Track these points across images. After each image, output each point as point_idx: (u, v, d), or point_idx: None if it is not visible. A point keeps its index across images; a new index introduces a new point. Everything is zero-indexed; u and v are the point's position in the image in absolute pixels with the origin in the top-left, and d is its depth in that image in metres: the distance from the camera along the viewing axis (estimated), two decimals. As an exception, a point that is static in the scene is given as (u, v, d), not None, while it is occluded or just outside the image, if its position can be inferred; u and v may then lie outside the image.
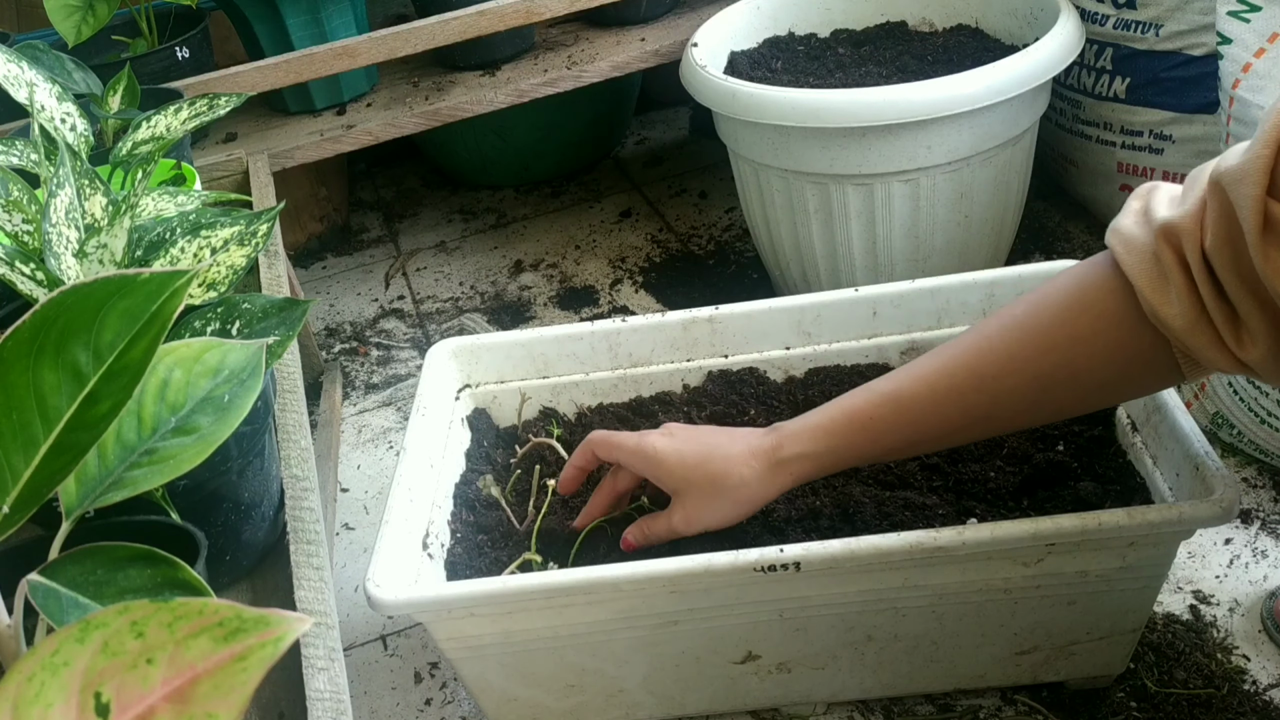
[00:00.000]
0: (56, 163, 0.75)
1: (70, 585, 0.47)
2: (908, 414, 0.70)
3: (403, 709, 0.93)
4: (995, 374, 0.67)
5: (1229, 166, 0.53)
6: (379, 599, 0.74)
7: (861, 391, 0.73)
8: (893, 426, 0.71)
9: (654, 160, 1.84)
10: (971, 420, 0.69)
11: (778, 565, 0.72)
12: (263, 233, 0.79)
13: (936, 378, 0.69)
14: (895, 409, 0.70)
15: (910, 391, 0.70)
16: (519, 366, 1.01)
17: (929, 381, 0.70)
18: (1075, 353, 0.65)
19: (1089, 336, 0.65)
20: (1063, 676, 0.84)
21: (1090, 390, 0.67)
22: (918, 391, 0.70)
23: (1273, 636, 0.87)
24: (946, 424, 0.70)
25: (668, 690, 0.84)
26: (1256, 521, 0.97)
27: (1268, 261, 0.51)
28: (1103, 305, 0.64)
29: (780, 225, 1.27)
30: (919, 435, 0.71)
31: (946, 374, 0.69)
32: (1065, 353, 0.65)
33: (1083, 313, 0.65)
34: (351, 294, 1.60)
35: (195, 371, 0.55)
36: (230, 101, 1.01)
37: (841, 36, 1.44)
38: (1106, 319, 0.64)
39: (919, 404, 0.70)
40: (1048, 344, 0.66)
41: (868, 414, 0.71)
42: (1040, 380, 0.67)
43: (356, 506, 1.17)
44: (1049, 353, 0.66)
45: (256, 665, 0.31)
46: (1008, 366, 0.67)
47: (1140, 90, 1.23)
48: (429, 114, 1.41)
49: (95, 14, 1.26)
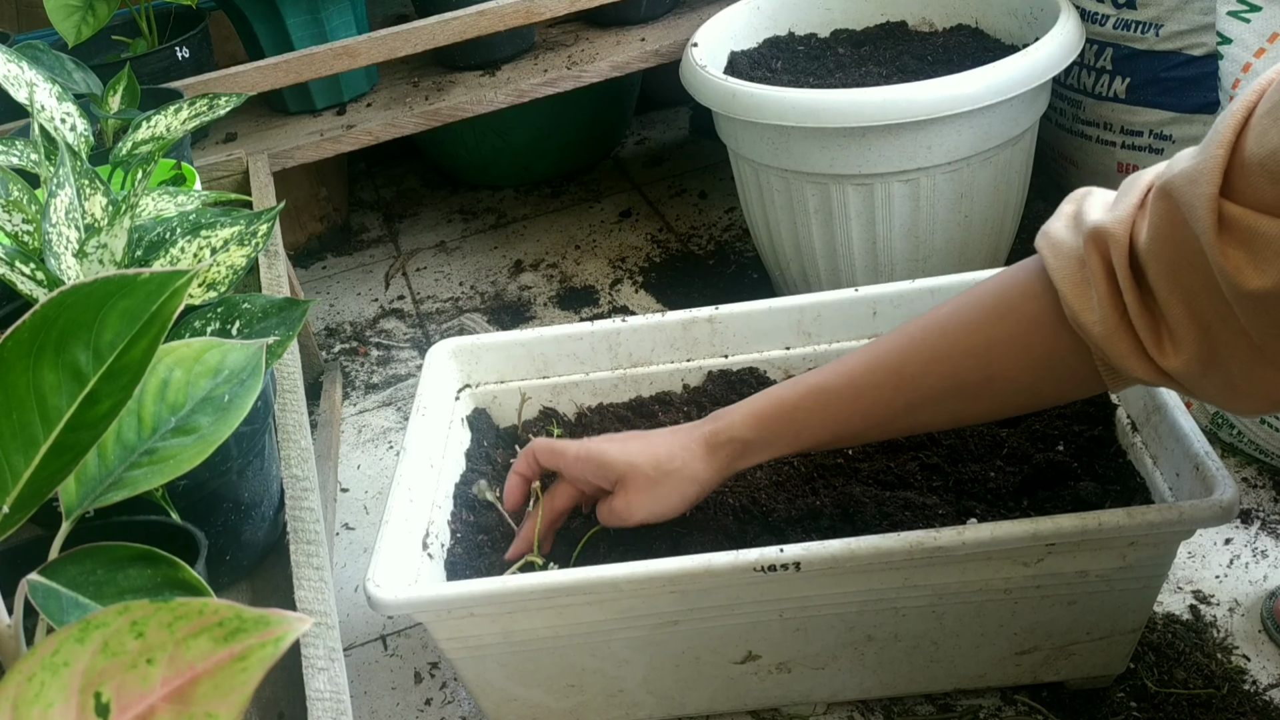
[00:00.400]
0: (56, 163, 0.75)
1: (70, 585, 0.47)
2: (831, 409, 0.72)
3: (403, 709, 0.93)
4: (916, 374, 0.69)
5: (1180, 170, 0.54)
6: (379, 599, 0.74)
7: (794, 383, 0.74)
8: (818, 420, 0.72)
9: (654, 160, 1.84)
10: (894, 416, 0.71)
11: (778, 565, 0.72)
12: (263, 233, 0.79)
13: (860, 375, 0.71)
14: (820, 403, 0.72)
15: (835, 387, 0.71)
16: (519, 366, 1.01)
17: (853, 378, 0.71)
18: (992, 357, 0.66)
19: (1007, 341, 0.65)
20: (1063, 676, 0.84)
21: (1009, 395, 0.67)
22: (842, 388, 0.71)
23: (1273, 636, 0.87)
24: (869, 420, 0.71)
25: (668, 690, 0.84)
26: (1256, 521, 0.98)
27: (1226, 259, 0.51)
28: (1024, 310, 0.65)
29: (780, 225, 1.27)
30: (843, 429, 0.73)
31: (869, 371, 0.70)
32: (983, 358, 0.66)
33: (1003, 318, 0.65)
34: (351, 294, 1.60)
35: (195, 371, 0.55)
36: (230, 101, 1.01)
37: (841, 36, 1.44)
38: (1027, 324, 0.64)
39: (842, 400, 0.71)
40: (967, 348, 0.67)
41: (794, 405, 0.73)
42: (959, 383, 0.67)
43: (356, 506, 1.17)
44: (967, 357, 0.67)
45: (256, 665, 0.31)
46: (928, 368, 0.68)
47: (1140, 90, 1.23)
48: (429, 114, 1.41)
49: (95, 14, 1.26)
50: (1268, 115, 0.49)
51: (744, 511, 0.85)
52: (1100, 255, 0.59)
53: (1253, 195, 0.50)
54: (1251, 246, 0.50)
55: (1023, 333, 0.65)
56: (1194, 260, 0.54)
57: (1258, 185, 0.50)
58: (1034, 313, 0.64)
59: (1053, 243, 0.63)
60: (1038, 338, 0.64)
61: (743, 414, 0.75)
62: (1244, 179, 0.50)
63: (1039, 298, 0.64)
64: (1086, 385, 0.65)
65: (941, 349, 0.68)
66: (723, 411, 0.76)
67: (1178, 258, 0.55)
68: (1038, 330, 0.64)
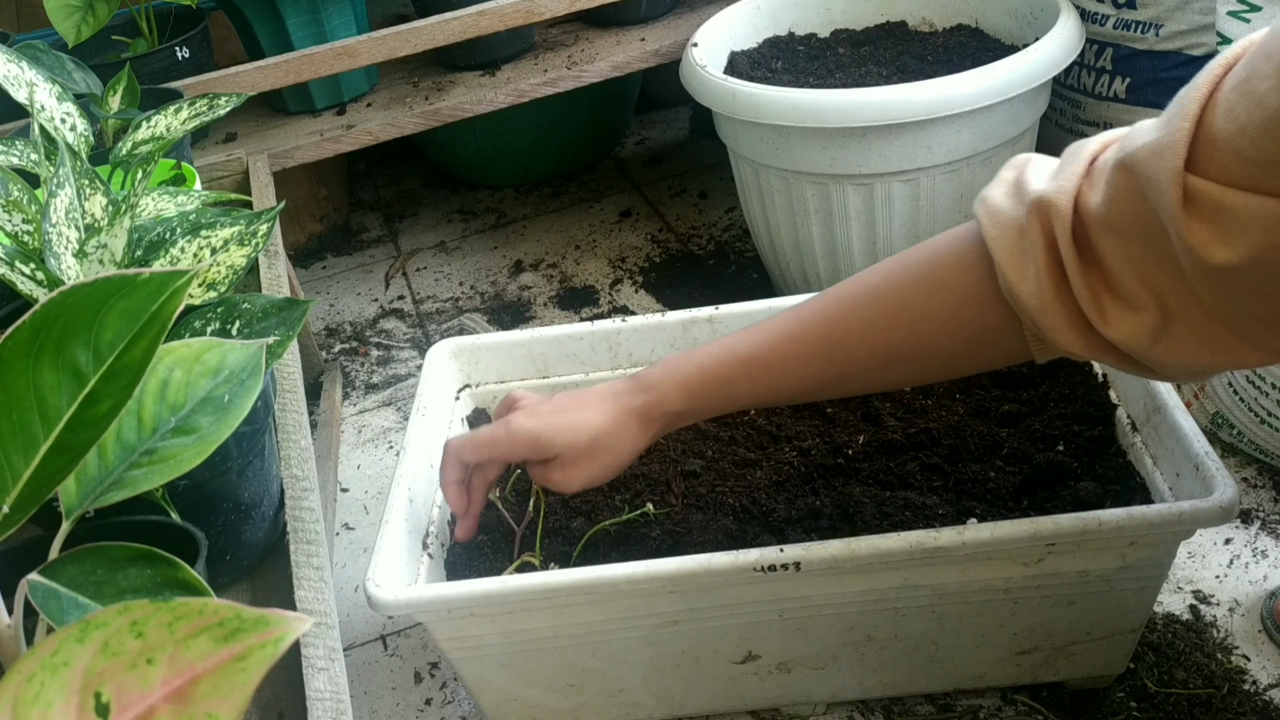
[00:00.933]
0: (56, 163, 0.75)
1: (70, 585, 0.47)
2: (763, 378, 0.72)
3: (403, 709, 0.93)
4: (844, 343, 0.69)
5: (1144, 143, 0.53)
6: (379, 599, 0.74)
7: (722, 351, 0.74)
8: (748, 390, 0.73)
9: (654, 160, 1.84)
10: (824, 384, 0.72)
11: (778, 565, 0.72)
12: (263, 233, 0.79)
13: (789, 343, 0.71)
14: (750, 374, 0.72)
15: (765, 357, 0.71)
16: (519, 366, 1.01)
17: (782, 347, 0.71)
18: (924, 329, 0.66)
19: (939, 313, 0.66)
20: (1063, 676, 0.84)
21: (937, 363, 0.68)
22: (771, 358, 0.71)
23: (1273, 636, 0.87)
24: (801, 387, 0.72)
25: (668, 690, 0.84)
26: (1256, 521, 0.97)
27: (1191, 234, 0.51)
28: (958, 282, 0.65)
29: (780, 225, 1.27)
30: (774, 395, 0.74)
31: (799, 339, 0.70)
32: (915, 329, 0.66)
33: (936, 289, 0.66)
34: (351, 294, 1.60)
35: (195, 371, 0.55)
36: (230, 101, 1.01)
37: (841, 36, 1.44)
38: (960, 297, 0.65)
39: (772, 369, 0.71)
40: (899, 320, 0.67)
41: (725, 378, 0.73)
42: (891, 354, 0.68)
43: (356, 506, 1.17)
44: (898, 328, 0.67)
45: (256, 665, 0.31)
46: (860, 339, 0.68)
47: (1140, 90, 1.23)
48: (429, 114, 1.41)
49: (95, 14, 1.26)
50: (1235, 90, 0.49)
51: (744, 511, 0.85)
52: (1042, 225, 0.59)
53: (1220, 170, 0.50)
54: (1217, 221, 0.50)
55: (956, 304, 0.65)
56: (1150, 234, 0.54)
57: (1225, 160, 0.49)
58: (967, 285, 0.64)
59: (991, 210, 0.62)
60: (971, 310, 0.64)
61: (674, 386, 0.75)
62: (1210, 154, 0.50)
63: (973, 268, 0.64)
64: (1015, 355, 0.66)
65: (872, 319, 0.68)
66: (652, 380, 0.75)
67: (1134, 229, 0.55)
68: (970, 303, 0.64)
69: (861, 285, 0.70)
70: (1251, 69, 0.48)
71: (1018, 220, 0.60)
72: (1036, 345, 0.63)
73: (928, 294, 0.66)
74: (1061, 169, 0.60)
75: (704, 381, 0.74)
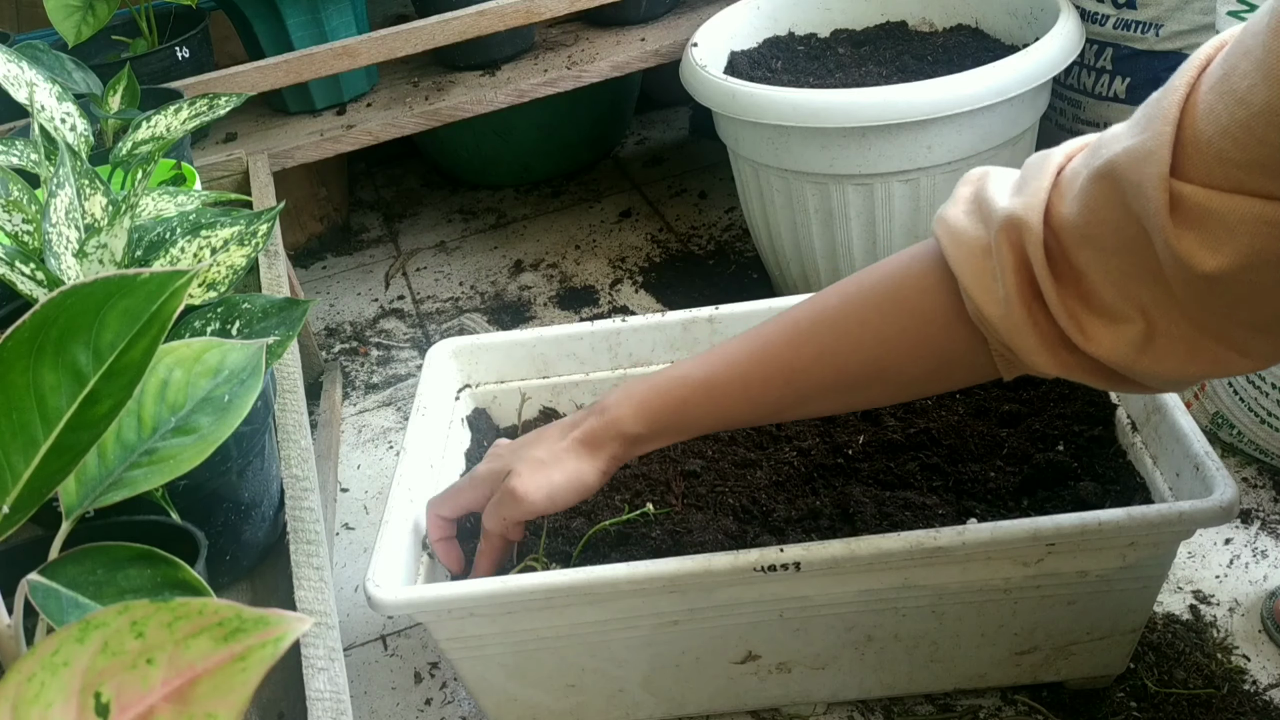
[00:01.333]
0: (56, 163, 0.75)
1: (70, 585, 0.47)
2: (721, 403, 0.71)
3: (403, 709, 0.93)
4: (805, 369, 0.67)
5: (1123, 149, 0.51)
6: (379, 599, 0.74)
7: (680, 375, 0.72)
8: (707, 413, 0.72)
9: (654, 160, 1.84)
10: (784, 407, 0.70)
11: (778, 565, 0.72)
12: (263, 233, 0.79)
13: (749, 367, 0.69)
14: (710, 398, 0.71)
15: (724, 381, 0.70)
16: (519, 366, 1.01)
17: (742, 371, 0.70)
18: (885, 352, 0.64)
19: (900, 337, 0.64)
20: (1063, 676, 0.84)
21: (900, 385, 0.67)
22: (730, 382, 0.70)
23: (1273, 636, 0.87)
24: (760, 411, 0.71)
25: (668, 690, 0.84)
26: (1256, 521, 0.97)
27: (1179, 242, 0.49)
28: (919, 305, 0.63)
29: (780, 225, 1.27)
30: (733, 419, 0.72)
31: (758, 363, 0.69)
32: (875, 352, 0.65)
33: (897, 313, 0.64)
34: (351, 294, 1.60)
35: (195, 371, 0.55)
36: (230, 101, 1.01)
37: (841, 36, 1.44)
38: (922, 320, 0.63)
39: (731, 395, 0.70)
40: (859, 343, 0.65)
41: (682, 399, 0.72)
42: (851, 378, 0.66)
43: (356, 506, 1.17)
44: (859, 352, 0.65)
45: (256, 665, 0.31)
46: (819, 363, 0.67)
47: (1140, 90, 1.23)
48: (429, 114, 1.41)
49: (95, 14, 1.26)
50: (1213, 91, 0.48)
51: (744, 511, 0.85)
52: (1011, 244, 0.56)
53: (1203, 173, 0.48)
54: (1205, 226, 0.48)
55: (917, 327, 0.63)
56: (1132, 244, 0.52)
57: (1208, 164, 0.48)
58: (929, 308, 0.62)
59: (952, 230, 0.60)
60: (933, 331, 0.63)
61: (631, 408, 0.73)
62: (1193, 157, 0.48)
63: (933, 291, 0.62)
64: (981, 375, 0.64)
65: (831, 344, 0.66)
66: (608, 403, 0.74)
67: (1114, 241, 0.53)
68: (932, 325, 0.62)
69: (821, 307, 0.68)
70: (1229, 67, 0.47)
71: (982, 240, 0.58)
72: (1004, 365, 0.62)
73: (889, 318, 0.64)
74: (1025, 183, 0.58)
75: (661, 404, 0.72)
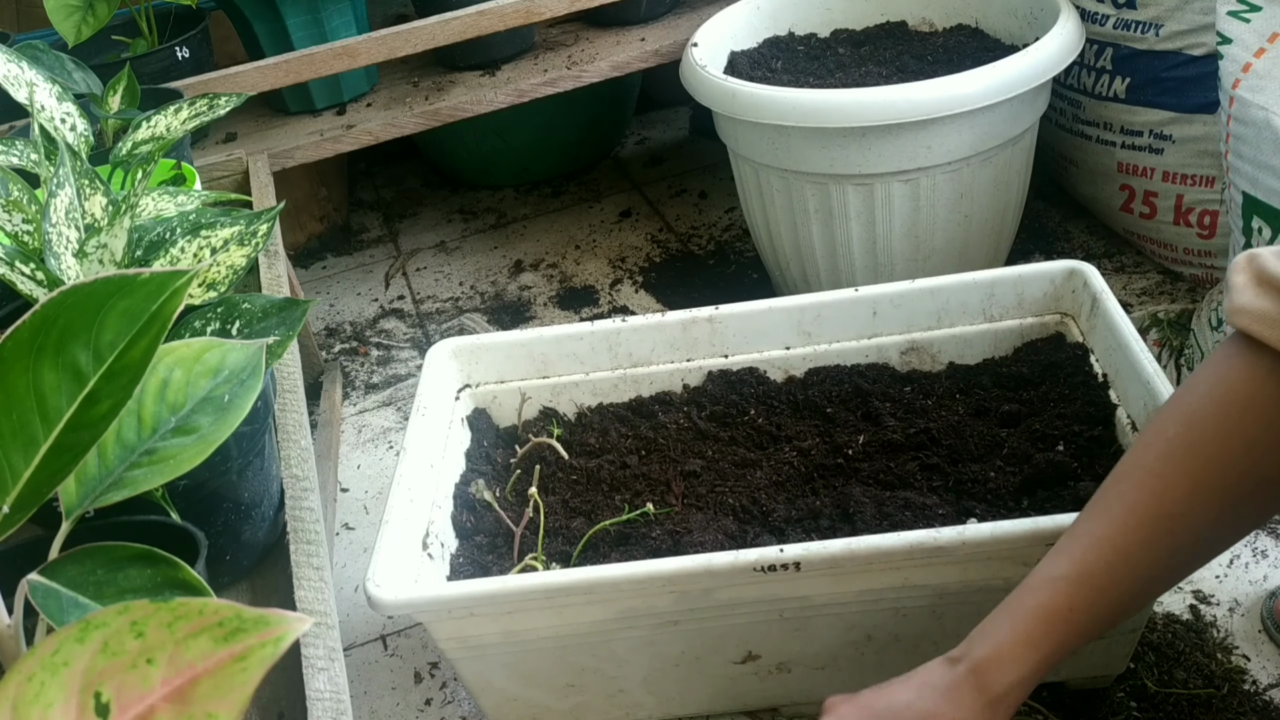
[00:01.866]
0: (56, 163, 0.75)
1: (70, 585, 0.47)
2: (1108, 590, 0.63)
3: (403, 709, 0.93)
4: (1183, 510, 0.62)
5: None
6: (379, 599, 0.74)
7: (1041, 584, 0.65)
8: (1096, 607, 0.64)
9: (654, 160, 1.84)
10: (1172, 567, 0.64)
11: (778, 565, 0.72)
12: (263, 233, 0.79)
13: (1122, 538, 0.63)
14: (1092, 589, 0.64)
15: (1102, 564, 0.63)
16: (519, 366, 1.01)
17: (1115, 545, 0.63)
18: (1254, 455, 0.60)
19: (1261, 434, 0.60)
20: (1063, 676, 0.84)
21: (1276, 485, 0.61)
22: (1110, 560, 0.63)
23: (1273, 636, 0.87)
24: (1147, 580, 0.64)
25: (668, 690, 0.84)
26: (1256, 521, 0.97)
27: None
28: (1258, 394, 0.60)
29: (780, 225, 1.27)
30: (1124, 604, 0.65)
31: (1130, 529, 0.63)
32: (1243, 459, 0.60)
33: (1244, 412, 0.60)
34: (351, 294, 1.60)
35: (195, 371, 0.55)
36: (230, 101, 1.01)
37: (841, 36, 1.44)
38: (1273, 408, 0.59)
39: (1114, 574, 0.63)
40: (1223, 458, 0.61)
41: (1066, 606, 0.64)
42: (1229, 495, 0.61)
43: (356, 506, 1.17)
44: (1228, 466, 0.61)
45: (256, 665, 0.31)
46: (1193, 496, 0.62)
47: (1140, 90, 1.23)
48: (429, 114, 1.41)
49: (95, 14, 1.26)
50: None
51: (744, 511, 0.85)
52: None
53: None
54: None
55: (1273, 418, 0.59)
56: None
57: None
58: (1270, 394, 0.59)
59: (1258, 316, 0.59)
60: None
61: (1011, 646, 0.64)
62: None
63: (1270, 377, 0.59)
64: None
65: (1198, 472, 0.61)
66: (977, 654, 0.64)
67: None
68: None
69: (1162, 445, 0.63)
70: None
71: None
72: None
73: (1238, 421, 0.60)
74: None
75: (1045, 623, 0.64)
